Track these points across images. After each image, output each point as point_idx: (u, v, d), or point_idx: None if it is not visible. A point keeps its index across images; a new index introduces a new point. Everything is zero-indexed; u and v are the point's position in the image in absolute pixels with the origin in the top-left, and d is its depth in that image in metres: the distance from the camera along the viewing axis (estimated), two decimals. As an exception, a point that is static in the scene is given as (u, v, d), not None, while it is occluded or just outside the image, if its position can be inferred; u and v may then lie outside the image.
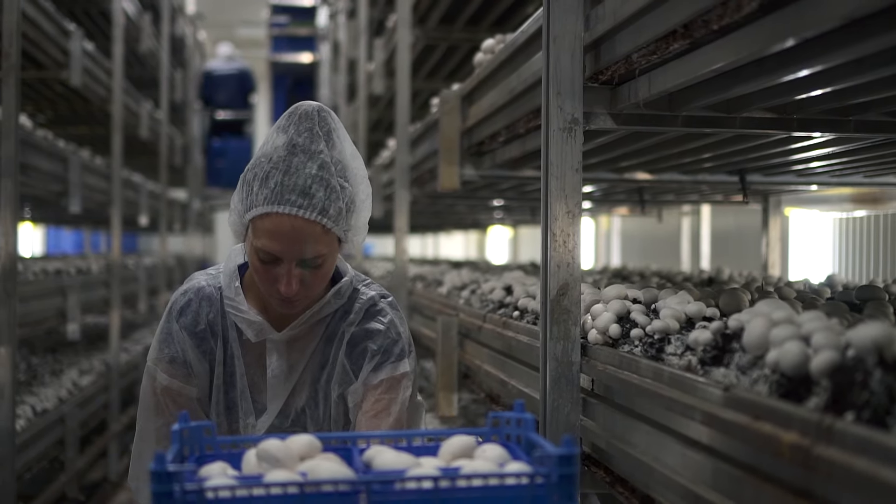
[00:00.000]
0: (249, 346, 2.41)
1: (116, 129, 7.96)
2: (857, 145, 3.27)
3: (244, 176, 2.28)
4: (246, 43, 18.37)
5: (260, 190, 2.21)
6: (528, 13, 5.72)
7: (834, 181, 4.35)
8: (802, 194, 5.79)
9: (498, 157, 3.82)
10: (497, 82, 3.49)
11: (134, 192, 9.43)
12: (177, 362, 2.38)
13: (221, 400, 2.41)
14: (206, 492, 1.49)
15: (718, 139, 3.23)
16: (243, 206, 2.25)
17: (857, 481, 1.32)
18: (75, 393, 6.88)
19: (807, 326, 1.74)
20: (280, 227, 2.20)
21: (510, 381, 3.28)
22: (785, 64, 1.96)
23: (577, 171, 2.44)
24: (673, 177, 4.33)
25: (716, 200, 6.18)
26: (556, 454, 1.54)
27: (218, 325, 2.40)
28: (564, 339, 2.46)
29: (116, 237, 8.23)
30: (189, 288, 2.43)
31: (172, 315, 2.40)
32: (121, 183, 8.16)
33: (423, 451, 1.81)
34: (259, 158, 2.26)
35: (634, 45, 2.25)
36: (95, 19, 8.27)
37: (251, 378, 2.42)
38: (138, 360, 9.39)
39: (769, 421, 1.56)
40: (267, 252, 2.22)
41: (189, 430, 1.78)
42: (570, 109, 2.44)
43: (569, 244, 2.45)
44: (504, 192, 5.54)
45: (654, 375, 2.05)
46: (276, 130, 2.29)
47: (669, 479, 1.94)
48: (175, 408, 2.37)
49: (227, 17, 16.77)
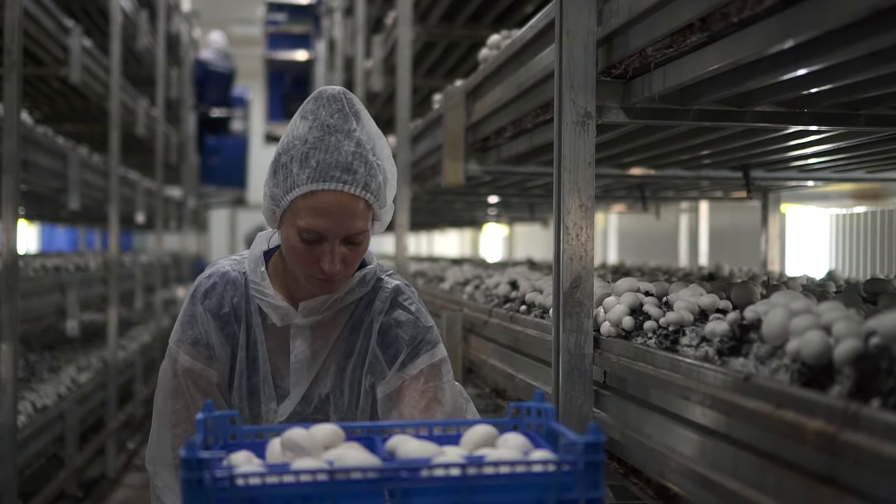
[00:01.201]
0: (272, 331, 2.42)
1: (114, 127, 7.96)
2: (860, 140, 3.29)
3: (276, 161, 2.28)
4: (240, 40, 18.36)
5: (301, 170, 2.22)
6: (527, 11, 5.73)
7: (836, 177, 4.38)
8: (801, 190, 5.82)
9: (503, 153, 3.83)
10: (503, 77, 3.50)
11: (131, 190, 9.43)
12: (200, 344, 2.39)
13: (244, 384, 2.42)
14: (237, 479, 1.50)
15: (723, 134, 3.25)
16: (281, 190, 2.25)
17: (886, 466, 1.33)
18: (74, 390, 6.89)
19: (826, 316, 1.75)
20: (326, 204, 2.21)
21: (518, 374, 3.29)
22: (801, 57, 1.98)
23: (590, 164, 2.46)
24: (676, 172, 4.35)
25: (715, 197, 6.20)
26: (582, 442, 1.56)
27: (242, 309, 2.41)
28: (577, 332, 2.47)
29: (114, 234, 8.23)
30: (214, 272, 2.44)
31: (197, 297, 2.41)
32: (118, 180, 8.16)
33: (444, 441, 1.83)
34: (292, 142, 2.27)
35: (650, 38, 2.26)
36: (93, 16, 8.26)
37: (274, 364, 2.43)
38: (135, 357, 9.40)
39: (792, 409, 1.58)
40: (312, 231, 2.22)
41: (213, 419, 1.79)
42: (583, 103, 2.45)
43: (582, 237, 2.47)
44: (504, 188, 5.55)
45: (672, 366, 2.07)
46: (304, 114, 2.30)
47: (687, 468, 1.96)
48: (196, 390, 2.38)
49: (221, 15, 16.76)
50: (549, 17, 2.94)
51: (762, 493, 1.69)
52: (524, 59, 3.26)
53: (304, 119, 2.29)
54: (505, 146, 3.77)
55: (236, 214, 19.44)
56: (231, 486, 1.50)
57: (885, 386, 1.46)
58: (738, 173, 4.26)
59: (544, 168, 4.28)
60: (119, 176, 8.23)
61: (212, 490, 1.49)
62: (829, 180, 4.47)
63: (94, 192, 7.71)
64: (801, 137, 3.26)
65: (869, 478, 1.40)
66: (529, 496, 1.55)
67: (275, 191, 2.27)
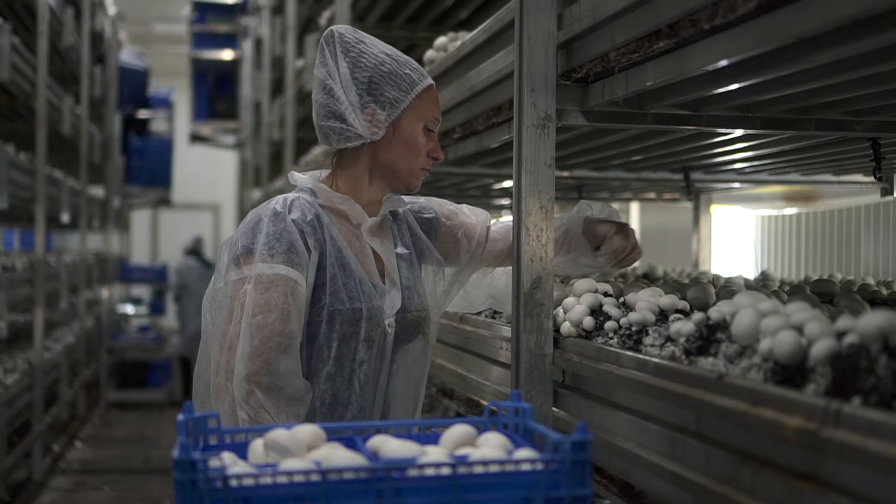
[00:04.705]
0: (349, 238, 2.55)
1: (41, 125, 7.85)
2: (803, 143, 3.37)
3: (370, 80, 2.51)
4: (163, 39, 18.16)
5: (405, 73, 2.54)
6: (461, 17, 5.75)
7: (772, 179, 4.47)
8: (732, 192, 5.92)
9: (450, 155, 3.85)
10: (453, 79, 3.52)
11: (56, 189, 9.29)
12: (294, 252, 2.42)
13: (341, 289, 2.47)
14: (231, 480, 1.51)
15: (672, 137, 3.31)
16: (401, 91, 2.52)
17: (871, 462, 1.38)
18: (1, 392, 6.78)
19: (796, 316, 1.80)
20: (437, 96, 2.63)
21: (469, 374, 3.32)
22: (767, 65, 2.03)
23: (550, 166, 2.50)
24: (618, 175, 4.41)
25: (648, 198, 6.28)
26: (570, 441, 1.59)
27: (317, 220, 2.50)
28: (538, 332, 2.50)
29: (40, 234, 8.13)
30: (280, 198, 2.53)
31: (280, 215, 2.45)
32: (45, 179, 8.04)
33: (424, 440, 1.84)
34: (376, 59, 2.53)
35: (612, 43, 2.30)
36: (18, 12, 8.13)
37: (364, 265, 2.54)
38: (59, 359, 9.28)
39: (770, 407, 1.62)
40: (436, 118, 2.60)
41: (194, 420, 1.79)
42: (543, 106, 2.49)
43: (542, 238, 2.50)
44: (442, 189, 5.57)
45: (639, 366, 2.11)
46: (347, 49, 2.54)
47: (657, 466, 1.99)
48: (291, 301, 2.40)
49: (143, 13, 16.56)
50: (502, 21, 2.97)
51: (736, 489, 1.73)
52: (475, 61, 3.28)
53: (354, 48, 2.54)
54: (452, 147, 3.79)
55: (158, 215, 19.24)
56: (225, 487, 1.50)
57: (865, 384, 1.50)
58: (678, 175, 4.33)
59: (488, 169, 4.31)
60: (46, 175, 8.12)
61: (205, 491, 1.50)
62: (766, 182, 4.56)
63: (20, 191, 7.58)
64: (746, 141, 3.33)
65: (852, 474, 1.45)
66: (518, 494, 1.58)
67: (390, 95, 2.51)
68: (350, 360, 2.48)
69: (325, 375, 2.46)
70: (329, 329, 2.46)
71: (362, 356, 2.49)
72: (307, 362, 2.46)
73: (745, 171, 4.38)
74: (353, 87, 2.51)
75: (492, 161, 4.29)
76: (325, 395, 2.47)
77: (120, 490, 8.18)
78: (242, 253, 2.43)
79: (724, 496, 1.75)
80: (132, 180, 14.06)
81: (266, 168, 11.58)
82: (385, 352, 2.53)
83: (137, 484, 8.39)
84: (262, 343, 2.35)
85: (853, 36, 1.73)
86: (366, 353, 2.49)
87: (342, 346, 2.46)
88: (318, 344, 2.46)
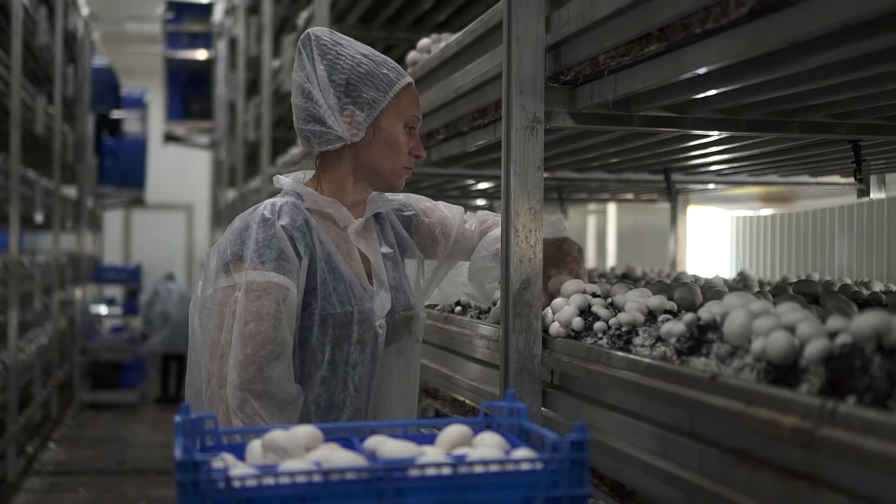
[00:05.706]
0: (337, 241, 2.55)
1: (15, 125, 7.81)
2: (783, 146, 3.40)
3: (347, 81, 2.51)
4: (136, 38, 18.07)
5: (382, 73, 2.53)
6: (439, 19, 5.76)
7: (751, 180, 4.50)
8: (709, 193, 5.96)
9: (434, 156, 3.87)
10: (437, 80, 3.54)
11: (30, 189, 9.24)
12: (284, 259, 2.41)
13: (331, 293, 2.47)
14: (233, 481, 1.52)
15: (657, 139, 3.33)
16: (379, 92, 2.52)
17: (867, 461, 1.40)
18: (-24, 393, 6.76)
19: (788, 317, 1.83)
20: (416, 94, 2.62)
21: (454, 374, 3.33)
22: (755, 68, 2.06)
23: (538, 168, 2.51)
24: (599, 175, 4.43)
25: (626, 199, 6.31)
26: (568, 440, 1.60)
27: (306, 225, 2.49)
28: (526, 332, 2.52)
29: (14, 234, 8.08)
30: (267, 203, 2.52)
31: (270, 221, 2.44)
32: (19, 179, 8.01)
33: (420, 440, 1.86)
34: (353, 60, 2.53)
35: (601, 47, 2.32)
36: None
37: (353, 268, 2.55)
38: (33, 360, 9.23)
39: (765, 406, 1.64)
40: (418, 117, 2.60)
41: (191, 422, 1.80)
42: (532, 108, 2.50)
43: (531, 240, 2.52)
44: (423, 190, 5.59)
45: (631, 366, 2.12)
46: (324, 51, 2.53)
47: (650, 465, 2.01)
48: (283, 308, 2.39)
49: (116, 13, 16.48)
50: (488, 24, 2.98)
51: (731, 488, 1.75)
52: (460, 63, 3.30)
53: (331, 51, 2.53)
54: (436, 148, 3.81)
55: (131, 215, 19.15)
56: (227, 488, 1.51)
57: (860, 384, 1.53)
58: (659, 176, 4.36)
59: (470, 171, 4.33)
60: (20, 175, 8.08)
61: (208, 492, 1.50)
62: (745, 183, 4.60)
63: (-7, 191, 7.56)
64: (728, 143, 3.36)
65: (847, 472, 1.47)
66: (517, 494, 1.59)
67: (369, 96, 2.51)
68: (343, 363, 2.49)
69: (320, 379, 2.47)
70: (321, 333, 2.46)
71: (356, 359, 2.50)
72: (300, 366, 2.47)
73: (725, 172, 4.42)
74: (332, 90, 2.51)
75: (473, 162, 4.30)
76: (319, 398, 2.47)
77: (95, 491, 8.16)
78: (232, 260, 2.42)
79: (719, 495, 1.77)
80: (105, 180, 14.00)
81: (241, 168, 11.56)
82: (377, 353, 2.54)
83: (112, 485, 8.37)
84: (255, 351, 2.35)
85: (844, 40, 1.76)
86: (359, 355, 2.50)
87: (335, 350, 2.47)
88: (310, 348, 2.47)
